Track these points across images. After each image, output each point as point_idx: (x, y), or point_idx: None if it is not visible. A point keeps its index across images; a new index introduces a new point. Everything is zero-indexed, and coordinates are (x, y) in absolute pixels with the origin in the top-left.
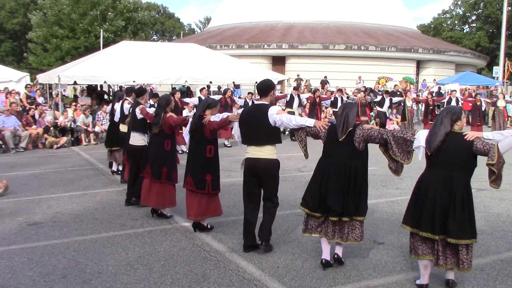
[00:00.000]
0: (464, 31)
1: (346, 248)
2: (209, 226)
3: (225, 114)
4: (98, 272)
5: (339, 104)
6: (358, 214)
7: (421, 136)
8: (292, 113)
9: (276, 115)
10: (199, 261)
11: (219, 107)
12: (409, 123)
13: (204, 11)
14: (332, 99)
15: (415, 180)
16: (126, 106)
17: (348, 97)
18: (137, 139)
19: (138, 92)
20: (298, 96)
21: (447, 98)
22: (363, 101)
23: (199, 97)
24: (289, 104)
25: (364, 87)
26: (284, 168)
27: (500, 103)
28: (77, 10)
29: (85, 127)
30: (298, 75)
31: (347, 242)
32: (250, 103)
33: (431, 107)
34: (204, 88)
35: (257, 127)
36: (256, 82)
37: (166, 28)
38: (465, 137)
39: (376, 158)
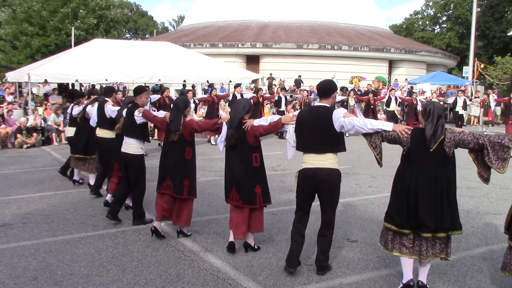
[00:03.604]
0: (435, 31)
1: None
2: (256, 247)
3: (275, 117)
4: (69, 274)
5: (283, 103)
6: (456, 227)
7: None
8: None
9: (344, 118)
10: (173, 261)
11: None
12: None
13: (178, 9)
14: (276, 98)
15: (388, 178)
16: (111, 108)
17: (291, 96)
18: (134, 147)
19: (136, 91)
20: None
21: (386, 98)
22: (306, 100)
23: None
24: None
25: (347, 88)
26: None
27: None
28: (48, 7)
29: (56, 127)
30: (270, 74)
31: (434, 258)
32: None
33: (372, 106)
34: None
35: (318, 133)
36: (230, 81)
37: (139, 26)
38: None
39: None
